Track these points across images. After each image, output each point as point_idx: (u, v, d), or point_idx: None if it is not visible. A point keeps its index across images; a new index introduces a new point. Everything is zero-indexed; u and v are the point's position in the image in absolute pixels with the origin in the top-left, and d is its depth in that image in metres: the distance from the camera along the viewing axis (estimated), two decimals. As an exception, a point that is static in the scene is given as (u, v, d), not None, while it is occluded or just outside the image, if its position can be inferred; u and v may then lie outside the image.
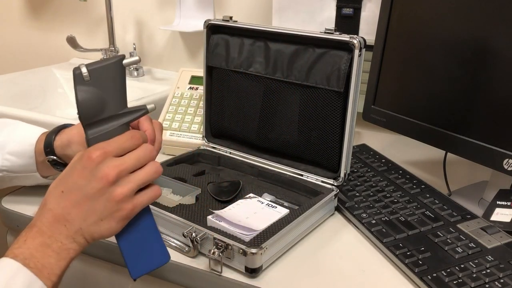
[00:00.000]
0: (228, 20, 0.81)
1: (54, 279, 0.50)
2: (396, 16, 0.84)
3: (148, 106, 0.55)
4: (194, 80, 1.03)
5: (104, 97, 0.52)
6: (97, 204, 0.51)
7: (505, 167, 0.69)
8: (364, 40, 0.69)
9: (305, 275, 0.62)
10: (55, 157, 0.69)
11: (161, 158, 0.80)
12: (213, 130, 0.89)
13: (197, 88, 1.01)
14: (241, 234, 0.62)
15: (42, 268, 0.49)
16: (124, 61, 0.53)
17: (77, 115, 0.52)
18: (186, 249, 0.64)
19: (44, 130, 0.73)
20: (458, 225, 0.67)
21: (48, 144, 0.69)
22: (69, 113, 1.26)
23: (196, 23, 1.27)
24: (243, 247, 0.59)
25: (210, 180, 0.79)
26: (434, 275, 0.58)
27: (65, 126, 0.71)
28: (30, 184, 0.77)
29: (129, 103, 0.55)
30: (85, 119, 0.52)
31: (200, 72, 0.87)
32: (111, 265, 0.71)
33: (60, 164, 0.70)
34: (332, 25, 1.03)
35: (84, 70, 0.51)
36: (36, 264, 0.49)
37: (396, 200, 0.74)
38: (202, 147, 0.89)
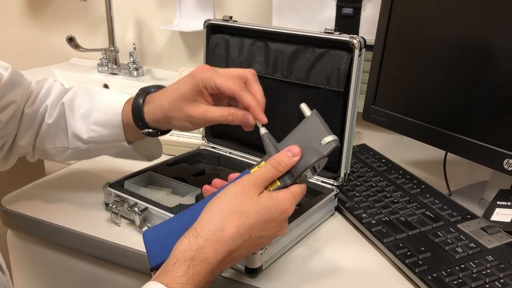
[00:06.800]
0: (228, 20, 0.81)
1: None
2: (396, 16, 0.84)
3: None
4: (194, 80, 1.02)
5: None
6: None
7: (505, 167, 0.69)
8: (364, 40, 0.69)
9: (305, 275, 0.62)
10: (150, 130, 0.67)
11: (161, 158, 0.80)
12: (213, 130, 0.89)
13: (197, 88, 1.01)
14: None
15: None
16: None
17: None
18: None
19: (127, 96, 0.70)
20: (458, 225, 0.67)
21: (138, 117, 0.66)
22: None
23: (196, 23, 1.27)
24: (243, 247, 0.59)
25: (210, 180, 0.79)
26: (434, 275, 0.58)
27: (148, 92, 0.68)
28: (114, 156, 0.74)
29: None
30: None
31: (200, 72, 0.87)
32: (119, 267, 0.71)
33: (153, 133, 0.68)
34: (332, 25, 1.03)
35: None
36: None
37: (396, 200, 0.74)
38: (202, 147, 0.89)
